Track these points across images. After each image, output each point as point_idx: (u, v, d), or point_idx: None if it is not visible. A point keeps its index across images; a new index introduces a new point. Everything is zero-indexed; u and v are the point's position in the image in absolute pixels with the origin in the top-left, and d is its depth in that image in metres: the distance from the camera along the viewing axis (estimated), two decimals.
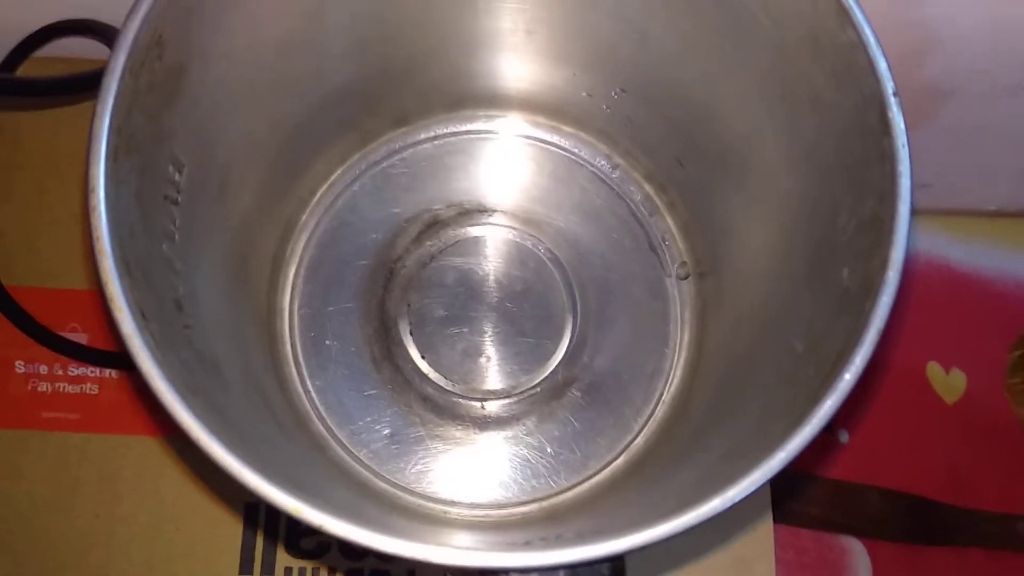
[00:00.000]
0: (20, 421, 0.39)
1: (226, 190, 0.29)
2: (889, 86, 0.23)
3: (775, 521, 0.46)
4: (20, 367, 0.40)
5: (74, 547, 0.37)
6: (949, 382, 0.51)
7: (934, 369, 0.51)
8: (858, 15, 0.23)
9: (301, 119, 0.33)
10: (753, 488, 0.20)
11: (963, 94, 0.46)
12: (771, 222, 0.31)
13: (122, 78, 0.21)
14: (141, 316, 0.20)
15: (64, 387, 0.40)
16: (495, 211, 0.40)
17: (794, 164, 0.28)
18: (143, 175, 0.23)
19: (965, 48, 0.42)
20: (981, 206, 0.54)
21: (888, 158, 0.22)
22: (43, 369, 0.40)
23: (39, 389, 0.40)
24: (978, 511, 0.49)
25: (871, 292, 0.21)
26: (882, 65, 0.23)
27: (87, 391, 0.40)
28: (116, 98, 0.21)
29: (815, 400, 0.21)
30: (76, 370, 0.40)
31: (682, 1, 0.29)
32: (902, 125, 0.22)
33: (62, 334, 0.39)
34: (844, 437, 0.50)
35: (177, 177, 0.25)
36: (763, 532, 0.41)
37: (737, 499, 0.20)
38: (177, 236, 0.25)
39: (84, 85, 0.36)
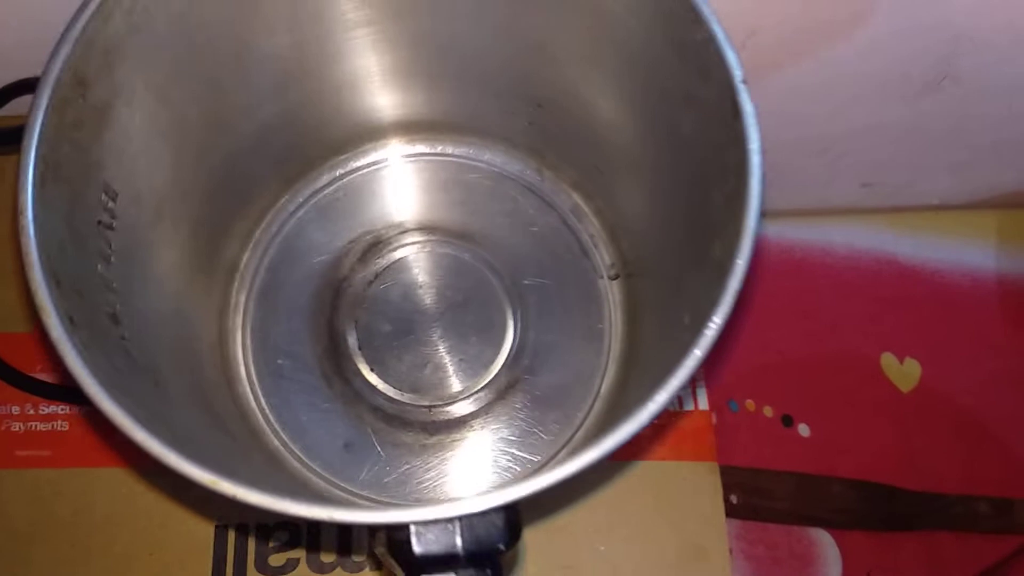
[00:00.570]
0: None
1: (162, 218, 0.31)
2: (737, 74, 0.25)
3: (745, 518, 0.48)
4: None
5: None
6: (904, 371, 0.52)
7: (888, 359, 0.52)
8: (706, 12, 0.26)
9: (234, 152, 0.35)
10: (623, 438, 0.22)
11: (884, 92, 0.48)
12: (666, 215, 0.33)
13: (46, 113, 0.24)
14: (69, 322, 0.22)
15: (36, 425, 0.41)
16: (435, 228, 0.42)
17: (675, 158, 0.31)
18: (74, 201, 0.25)
19: (877, 45, 0.44)
20: (925, 201, 0.56)
21: (740, 138, 0.25)
22: (15, 410, 0.42)
23: (12, 429, 0.41)
24: (940, 495, 0.50)
25: (730, 257, 0.23)
26: (730, 56, 0.25)
27: (57, 428, 0.41)
28: (41, 131, 0.24)
29: (683, 354, 0.23)
30: (46, 408, 0.42)
31: (564, 15, 0.31)
32: (750, 107, 0.25)
33: (31, 375, 0.41)
34: (804, 431, 0.51)
35: (111, 204, 0.27)
36: (716, 519, 0.42)
37: (612, 447, 0.22)
38: (113, 258, 0.27)
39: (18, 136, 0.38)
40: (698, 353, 0.23)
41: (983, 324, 0.54)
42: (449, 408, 0.40)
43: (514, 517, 0.22)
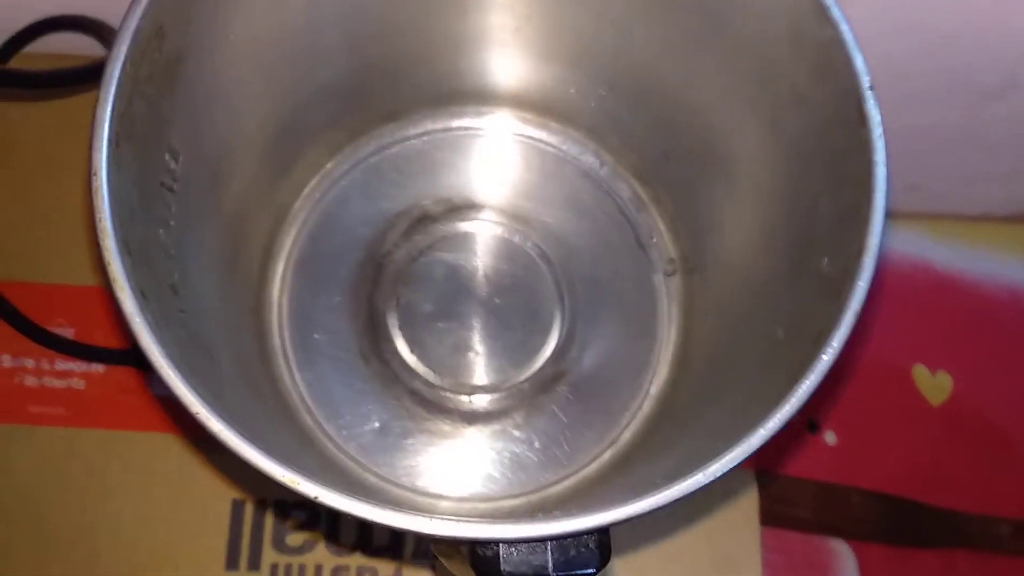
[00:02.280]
0: (6, 415, 0.39)
1: (218, 181, 0.30)
2: (865, 80, 0.23)
3: (763, 524, 0.47)
4: (7, 361, 0.40)
5: (60, 542, 0.38)
6: (935, 384, 0.51)
7: (920, 371, 0.51)
8: (836, 12, 0.24)
9: (291, 113, 0.34)
10: (733, 464, 0.21)
11: (949, 97, 0.47)
12: (754, 215, 0.31)
13: (124, 66, 0.22)
14: (142, 296, 0.21)
15: (51, 382, 0.40)
16: (484, 207, 0.40)
17: (776, 158, 0.29)
18: (142, 162, 0.24)
19: (949, 51, 0.42)
20: (966, 210, 0.55)
21: (865, 148, 0.23)
22: (30, 363, 0.40)
23: (26, 383, 0.40)
24: (962, 513, 0.49)
25: (849, 277, 0.22)
26: (859, 60, 0.24)
27: (73, 386, 0.40)
28: (118, 86, 0.22)
29: (794, 380, 0.21)
30: (63, 365, 0.40)
31: (665, 1, 0.30)
32: (878, 117, 0.23)
33: (49, 329, 0.40)
34: (831, 439, 0.50)
35: (173, 165, 0.26)
36: (749, 530, 0.42)
37: (719, 474, 0.21)
38: (173, 223, 0.25)
39: (77, 79, 0.36)
40: (813, 379, 0.21)
41: (1019, 341, 0.53)
42: (489, 397, 0.38)
43: (606, 540, 0.20)
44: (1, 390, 0.40)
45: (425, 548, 0.38)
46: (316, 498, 0.20)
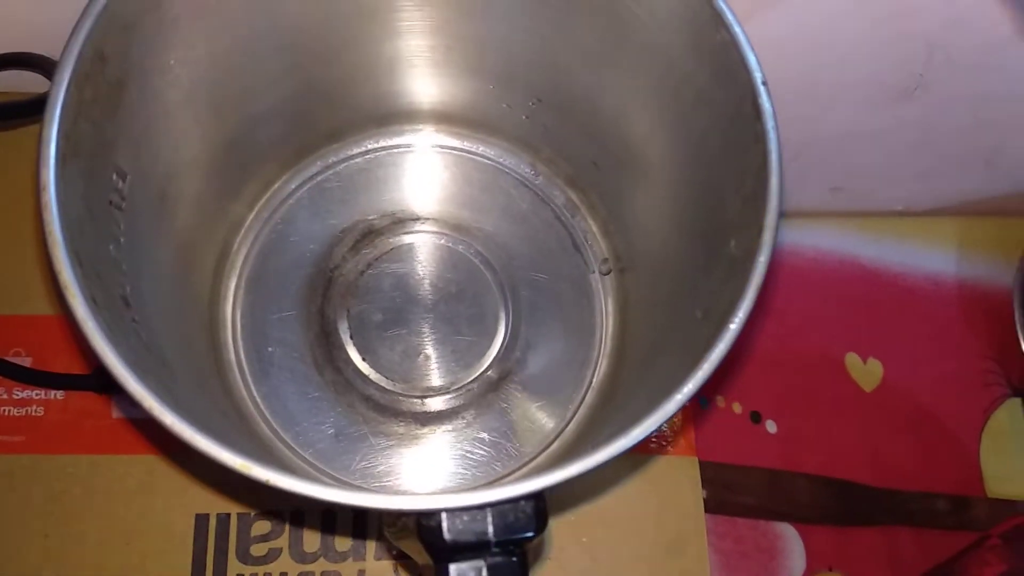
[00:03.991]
0: None
1: (166, 200, 0.31)
2: (759, 76, 0.26)
3: (713, 512, 0.49)
4: None
5: (24, 567, 0.38)
6: (867, 371, 0.53)
7: (852, 359, 0.54)
8: (729, 16, 0.26)
9: (234, 135, 0.35)
10: (652, 428, 0.23)
11: (862, 101, 0.49)
12: (671, 211, 0.33)
13: (68, 88, 0.23)
14: (93, 302, 0.22)
15: (9, 410, 0.40)
16: (427, 219, 0.42)
17: (685, 157, 0.31)
18: (89, 180, 0.25)
19: (858, 58, 0.45)
20: (890, 207, 0.57)
21: (761, 139, 0.25)
22: None
23: None
24: (900, 491, 0.51)
25: (752, 254, 0.24)
26: (751, 58, 0.26)
27: (32, 413, 0.40)
28: (63, 106, 0.23)
29: (708, 349, 0.23)
30: (21, 393, 0.41)
31: (575, 10, 0.32)
32: (771, 109, 0.25)
33: (6, 358, 0.40)
34: (772, 428, 0.52)
35: (121, 185, 0.27)
36: (694, 513, 0.43)
37: (639, 438, 0.22)
38: (123, 239, 0.27)
39: (25, 112, 0.37)
40: (723, 347, 0.23)
41: (943, 327, 0.56)
42: (441, 399, 0.40)
43: (542, 505, 0.22)
44: None
45: (387, 546, 0.39)
46: (268, 481, 0.21)
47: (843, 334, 0.54)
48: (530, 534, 0.22)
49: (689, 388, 0.23)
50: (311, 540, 0.40)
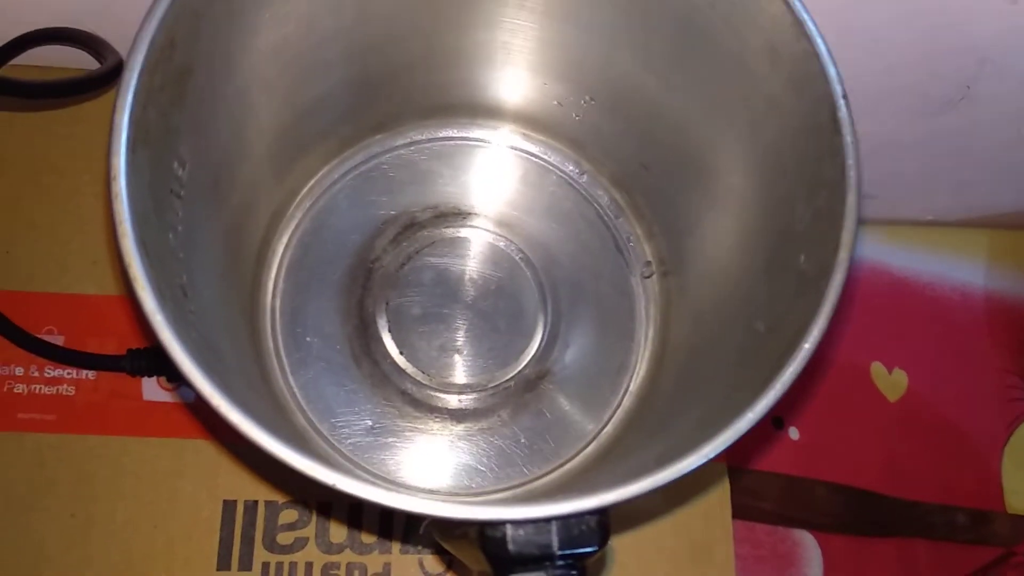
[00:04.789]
0: None
1: (219, 187, 0.31)
2: (839, 89, 0.25)
3: (732, 517, 0.48)
4: None
5: (51, 547, 0.38)
6: (892, 381, 0.53)
7: (878, 369, 0.53)
8: (811, 27, 0.26)
9: (288, 122, 0.35)
10: (725, 445, 0.22)
11: (905, 109, 0.49)
12: (731, 219, 0.33)
13: (140, 75, 0.23)
14: (160, 295, 0.22)
15: (40, 388, 0.40)
16: (469, 214, 0.42)
17: (752, 164, 0.31)
18: (154, 168, 0.24)
19: (906, 64, 0.45)
20: (920, 216, 0.57)
21: (839, 153, 0.25)
22: (19, 371, 0.40)
23: (15, 390, 0.40)
24: (920, 503, 0.51)
25: (826, 272, 0.24)
26: (832, 71, 0.25)
27: (63, 392, 0.40)
28: (135, 93, 0.23)
29: (779, 367, 0.23)
30: (52, 372, 0.40)
31: (648, 15, 0.31)
32: (851, 123, 0.25)
33: (39, 336, 0.40)
34: (795, 434, 0.52)
35: (180, 172, 0.27)
36: (722, 519, 0.43)
37: (712, 455, 0.22)
38: (180, 228, 0.26)
39: (70, 90, 0.37)
40: (796, 365, 0.23)
41: (970, 339, 0.56)
42: (477, 396, 0.39)
43: (606, 520, 0.22)
44: None
45: (415, 541, 0.39)
46: (334, 485, 0.21)
47: (870, 343, 0.54)
48: (593, 548, 0.22)
49: (761, 406, 0.23)
50: (338, 531, 0.40)
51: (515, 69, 0.38)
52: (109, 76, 0.39)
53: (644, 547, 0.41)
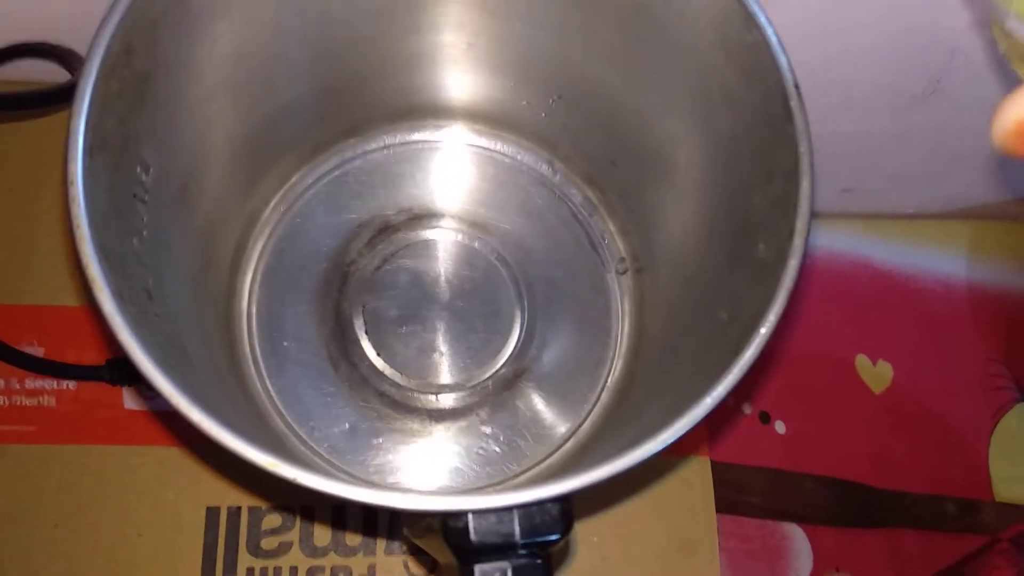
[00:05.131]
0: None
1: (187, 193, 0.31)
2: (790, 79, 0.26)
3: (720, 512, 0.49)
4: None
5: (35, 557, 0.38)
6: (876, 373, 0.54)
7: (862, 361, 0.54)
8: (761, 18, 0.26)
9: (256, 128, 0.35)
10: (683, 431, 0.23)
11: (877, 103, 0.49)
12: (695, 212, 0.33)
13: (95, 82, 0.23)
14: (119, 297, 0.22)
15: (20, 400, 0.40)
16: (443, 215, 0.42)
17: (711, 158, 0.31)
18: (114, 173, 0.25)
19: (876, 59, 0.45)
20: (900, 209, 0.57)
21: (792, 141, 0.25)
22: None
23: None
24: (908, 494, 0.51)
25: (782, 258, 0.24)
26: (783, 61, 0.26)
27: (44, 403, 0.40)
28: (91, 100, 0.23)
29: (736, 353, 0.23)
30: (33, 383, 0.40)
31: (603, 11, 0.32)
32: (802, 111, 0.25)
33: (19, 348, 0.40)
34: (781, 428, 0.52)
35: (144, 178, 0.27)
36: (706, 514, 0.43)
37: (668, 441, 0.22)
38: (146, 232, 0.27)
39: (44, 101, 0.37)
40: (752, 351, 0.23)
41: (953, 330, 0.56)
42: (455, 396, 0.40)
43: (568, 508, 0.22)
44: None
45: (399, 541, 0.39)
46: (295, 479, 0.21)
47: (853, 336, 0.54)
48: (556, 536, 0.22)
49: (719, 392, 0.23)
50: (322, 534, 0.40)
51: (481, 70, 0.38)
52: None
53: (629, 542, 0.41)
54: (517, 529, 0.21)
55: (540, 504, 0.22)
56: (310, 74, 0.35)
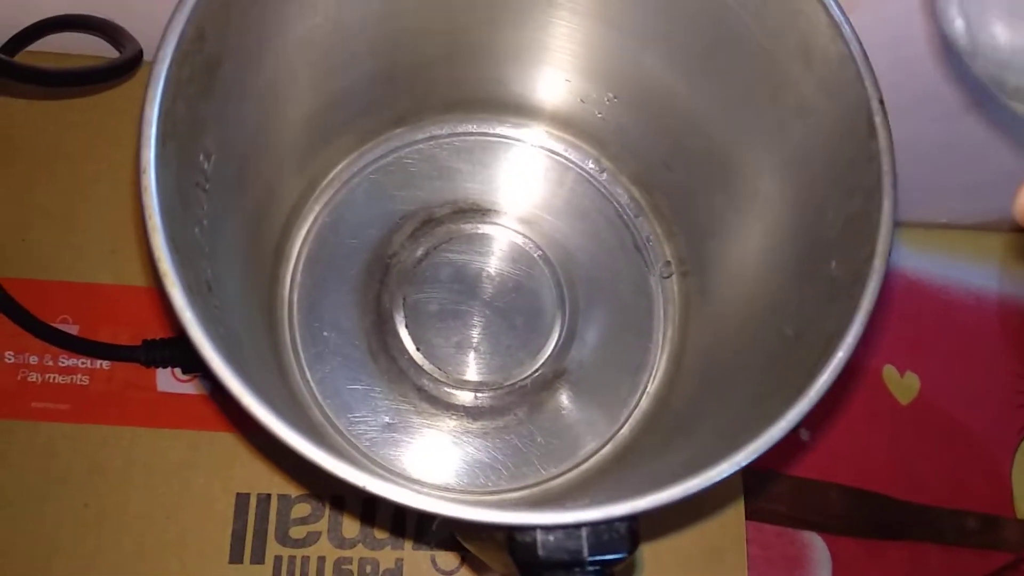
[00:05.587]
0: (9, 411, 0.39)
1: (242, 181, 0.30)
2: (875, 94, 0.25)
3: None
4: (10, 357, 0.40)
5: (64, 536, 0.38)
6: (904, 384, 0.53)
7: (890, 372, 0.53)
8: (848, 30, 0.25)
9: (311, 115, 0.34)
10: (758, 453, 0.22)
11: (918, 113, 0.48)
12: (757, 222, 0.33)
13: (170, 67, 0.23)
14: (189, 290, 0.21)
15: (54, 378, 0.40)
16: (488, 211, 0.41)
17: (780, 167, 0.30)
18: (181, 161, 0.24)
19: (927, 65, 0.45)
20: (934, 219, 0.57)
21: (875, 158, 0.24)
22: (33, 359, 0.40)
23: (29, 379, 0.40)
24: (931, 507, 0.51)
25: (860, 279, 0.23)
26: (869, 75, 0.25)
27: (77, 382, 0.40)
28: (165, 85, 0.22)
29: (812, 375, 0.23)
30: (67, 361, 0.40)
31: (679, 13, 0.31)
32: (887, 128, 0.24)
33: (53, 325, 0.40)
34: (806, 436, 0.52)
35: (206, 166, 0.26)
36: (735, 523, 0.43)
37: (744, 463, 0.22)
38: (205, 222, 0.26)
39: (93, 78, 0.36)
40: (829, 375, 0.23)
41: (983, 343, 0.55)
42: (493, 394, 0.39)
43: (635, 527, 0.22)
44: (4, 386, 0.39)
45: (426, 536, 0.39)
46: (364, 487, 0.21)
47: (882, 345, 0.54)
48: (622, 555, 0.22)
49: (795, 413, 0.22)
50: (350, 526, 0.40)
51: (538, 65, 0.38)
52: (128, 65, 0.39)
53: (657, 549, 0.41)
54: (585, 546, 0.21)
55: (609, 522, 0.21)
56: (371, 61, 0.34)
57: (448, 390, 0.39)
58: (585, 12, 0.33)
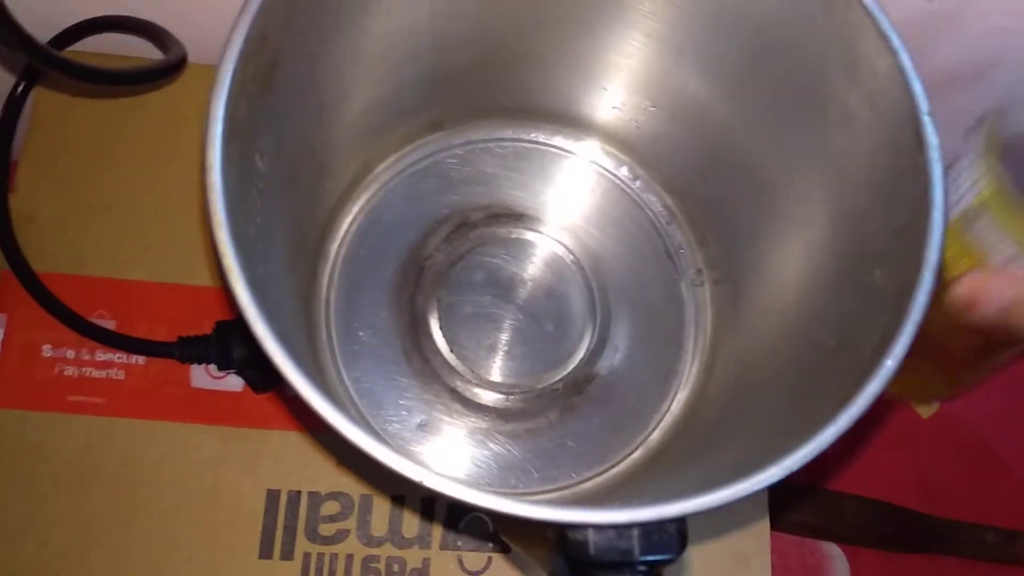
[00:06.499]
0: (46, 404, 0.39)
1: (292, 180, 0.31)
2: (924, 106, 0.25)
3: None
4: (47, 351, 0.40)
5: (96, 529, 0.38)
6: None
7: None
8: (895, 41, 0.26)
9: (353, 118, 0.35)
10: (810, 457, 0.22)
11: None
12: (795, 232, 0.33)
13: (236, 68, 0.23)
14: (252, 287, 0.22)
15: (90, 372, 0.40)
16: (522, 215, 0.42)
17: (821, 178, 0.31)
18: (241, 160, 0.25)
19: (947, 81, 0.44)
20: None
21: (922, 171, 0.25)
22: (70, 353, 0.40)
23: (65, 373, 0.40)
24: (951, 521, 0.51)
25: (907, 290, 0.24)
26: (918, 87, 0.25)
27: (113, 376, 0.40)
28: (231, 86, 0.23)
29: (860, 383, 0.23)
30: (103, 355, 0.40)
31: (721, 25, 0.31)
32: (936, 141, 0.25)
33: (90, 320, 0.40)
34: None
35: (260, 165, 0.27)
36: (760, 528, 0.43)
37: (793, 468, 0.22)
38: (259, 219, 0.27)
39: (140, 78, 0.37)
40: (877, 384, 0.23)
41: None
42: (525, 397, 0.40)
43: (684, 528, 0.22)
44: (41, 379, 0.40)
45: (453, 538, 0.39)
46: (421, 482, 0.21)
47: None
48: (672, 555, 0.22)
49: (847, 418, 0.23)
50: (379, 524, 0.40)
51: (575, 73, 0.38)
52: (175, 67, 0.39)
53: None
54: (636, 546, 0.21)
55: (659, 523, 0.21)
56: (412, 66, 0.35)
57: (480, 391, 0.39)
58: (659, 38, 0.33)
